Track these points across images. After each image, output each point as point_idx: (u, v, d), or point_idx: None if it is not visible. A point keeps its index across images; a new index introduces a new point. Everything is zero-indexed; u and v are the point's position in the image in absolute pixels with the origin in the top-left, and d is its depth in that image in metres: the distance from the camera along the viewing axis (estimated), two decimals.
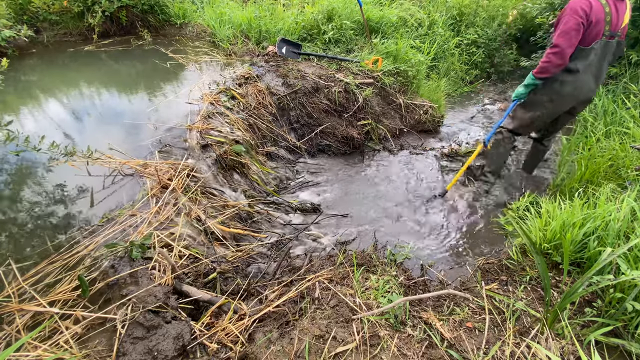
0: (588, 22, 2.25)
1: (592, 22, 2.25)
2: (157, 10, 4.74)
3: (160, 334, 1.45)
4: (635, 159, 2.59)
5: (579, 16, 2.22)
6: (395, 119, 3.99)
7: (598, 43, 2.32)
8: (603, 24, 2.27)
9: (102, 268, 1.67)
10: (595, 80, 2.49)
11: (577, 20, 2.23)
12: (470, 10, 5.59)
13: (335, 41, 4.33)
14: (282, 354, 1.46)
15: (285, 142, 3.49)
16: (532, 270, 1.95)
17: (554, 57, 2.33)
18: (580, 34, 2.27)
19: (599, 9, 2.25)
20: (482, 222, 2.79)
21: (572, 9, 2.24)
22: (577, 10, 2.22)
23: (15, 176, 2.29)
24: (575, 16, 2.22)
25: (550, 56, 2.35)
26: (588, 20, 2.24)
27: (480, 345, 1.51)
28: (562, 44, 2.28)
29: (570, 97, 2.52)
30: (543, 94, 2.57)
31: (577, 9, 2.23)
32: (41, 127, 2.73)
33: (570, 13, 2.24)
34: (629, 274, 1.52)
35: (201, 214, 2.25)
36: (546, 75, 2.43)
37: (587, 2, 2.23)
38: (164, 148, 2.59)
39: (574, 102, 2.55)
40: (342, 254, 2.12)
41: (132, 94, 3.33)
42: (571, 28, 2.24)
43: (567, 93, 2.50)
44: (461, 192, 3.12)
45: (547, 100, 2.57)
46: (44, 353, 1.36)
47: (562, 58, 2.33)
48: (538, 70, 2.45)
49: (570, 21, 2.24)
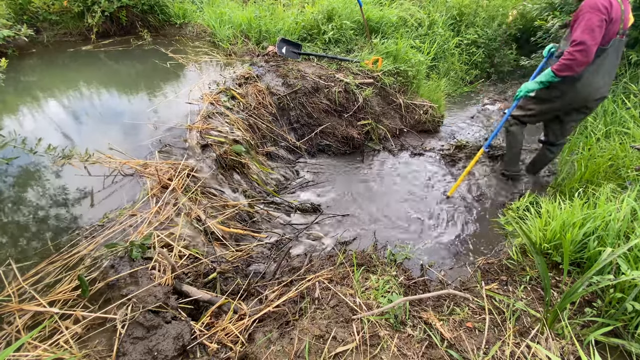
0: (609, 19, 2.20)
1: (613, 19, 2.21)
2: (157, 10, 4.74)
3: (160, 334, 1.45)
4: (635, 159, 2.59)
5: (601, 12, 2.17)
6: (395, 119, 3.99)
7: (614, 41, 2.30)
8: (619, 22, 2.25)
9: (102, 268, 1.67)
10: (607, 80, 2.47)
11: (600, 16, 2.17)
12: (470, 10, 5.59)
13: (335, 41, 4.33)
14: (282, 354, 1.46)
15: (285, 142, 3.49)
16: (532, 270, 1.95)
17: (579, 55, 2.24)
18: (603, 30, 2.21)
19: (617, 7, 2.22)
20: (482, 222, 2.79)
21: (591, 6, 2.18)
22: (599, 7, 2.17)
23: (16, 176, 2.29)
24: (598, 13, 2.17)
25: (575, 54, 2.24)
26: (609, 17, 2.20)
27: (480, 345, 1.51)
28: (587, 40, 2.20)
29: (583, 95, 2.50)
30: (554, 89, 2.55)
31: (598, 5, 2.17)
32: (41, 128, 2.73)
33: (591, 10, 2.18)
34: (629, 274, 1.52)
35: (201, 214, 2.25)
36: (568, 73, 2.35)
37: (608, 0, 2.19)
38: (164, 148, 2.59)
39: (585, 101, 2.53)
40: (342, 254, 2.12)
41: (132, 94, 3.33)
42: (595, 24, 2.18)
43: (580, 91, 2.47)
44: (461, 192, 3.12)
45: (558, 96, 2.56)
46: (43, 353, 1.36)
47: (587, 55, 2.23)
48: (560, 67, 2.35)
49: (594, 17, 2.17)
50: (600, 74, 2.42)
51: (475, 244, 2.57)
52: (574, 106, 2.60)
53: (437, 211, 2.92)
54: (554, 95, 2.58)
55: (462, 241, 2.61)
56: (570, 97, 2.53)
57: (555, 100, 2.59)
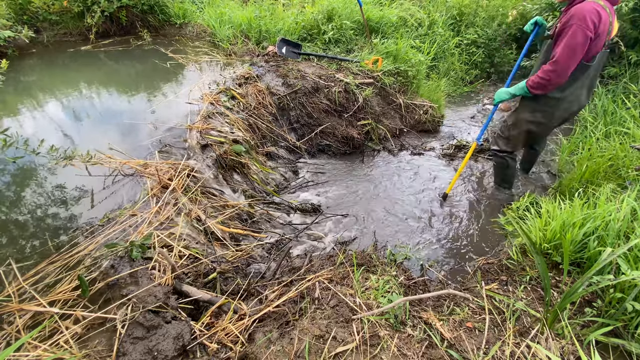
0: (595, 35, 2.06)
1: (599, 34, 2.07)
2: (157, 10, 4.74)
3: (160, 334, 1.45)
4: (635, 159, 2.59)
5: (588, 30, 2.01)
6: (395, 119, 3.99)
7: (598, 55, 2.19)
8: (606, 35, 2.11)
9: (102, 268, 1.67)
10: (589, 91, 2.40)
11: (586, 34, 2.02)
12: (470, 10, 5.59)
13: (335, 41, 4.33)
14: (282, 354, 1.46)
15: (285, 142, 3.49)
16: (532, 270, 1.95)
17: (554, 76, 2.17)
18: (586, 48, 2.08)
19: (606, 19, 2.06)
20: (482, 222, 2.79)
21: (580, 20, 2.01)
22: (587, 23, 2.00)
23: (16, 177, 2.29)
24: (586, 30, 2.01)
25: (550, 74, 2.17)
26: (596, 33, 2.05)
27: (480, 345, 1.51)
28: (565, 62, 2.10)
29: (565, 112, 2.44)
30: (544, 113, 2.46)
31: (587, 21, 2.00)
32: (41, 128, 2.73)
33: (579, 26, 2.01)
34: (629, 274, 1.52)
35: (201, 214, 2.25)
36: (541, 92, 2.31)
37: (597, 13, 2.01)
38: (164, 148, 2.59)
39: (567, 115, 2.48)
40: (342, 254, 2.12)
41: (132, 94, 3.33)
42: (578, 43, 2.04)
43: (568, 108, 2.41)
44: (461, 192, 3.12)
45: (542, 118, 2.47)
46: (44, 353, 1.36)
47: (562, 77, 2.17)
48: (533, 85, 2.29)
49: (579, 35, 2.02)
50: (585, 88, 2.37)
51: (475, 244, 2.57)
52: (557, 123, 2.56)
53: (437, 211, 2.92)
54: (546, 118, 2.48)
55: (462, 241, 2.61)
56: (559, 115, 2.46)
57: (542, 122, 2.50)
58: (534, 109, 2.49)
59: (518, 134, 2.63)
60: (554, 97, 2.37)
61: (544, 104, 2.43)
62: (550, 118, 2.46)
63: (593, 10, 2.02)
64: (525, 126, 2.56)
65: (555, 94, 2.36)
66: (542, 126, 2.53)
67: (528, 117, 2.52)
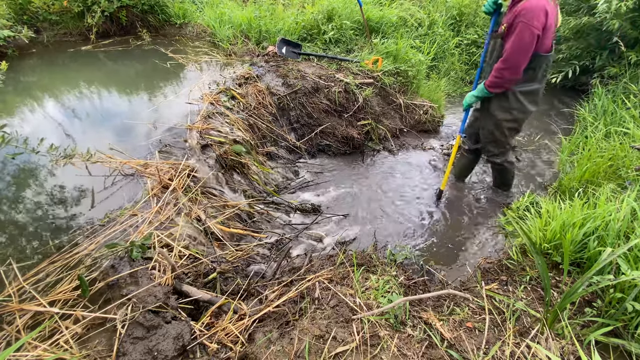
0: (545, 29, 2.09)
1: (548, 27, 2.10)
2: (157, 10, 4.74)
3: (160, 334, 1.45)
4: (635, 159, 2.60)
5: (535, 28, 2.04)
6: (395, 119, 3.99)
7: (552, 50, 2.24)
8: (554, 29, 2.15)
9: (103, 268, 1.67)
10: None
11: (533, 32, 2.05)
12: (470, 10, 5.59)
13: (335, 41, 4.33)
14: (282, 354, 1.46)
15: (285, 142, 3.49)
16: (532, 270, 1.95)
17: (507, 73, 2.23)
18: (534, 44, 2.12)
19: (552, 12, 2.08)
20: (482, 222, 2.79)
21: (527, 18, 2.03)
22: (533, 22, 2.03)
23: (17, 176, 2.29)
24: (532, 28, 2.04)
25: (503, 72, 2.23)
26: (545, 28, 2.08)
27: (480, 345, 1.51)
28: (515, 59, 2.16)
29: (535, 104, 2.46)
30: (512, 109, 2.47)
31: (533, 19, 2.02)
32: (41, 128, 2.73)
33: (525, 23, 2.04)
34: (629, 274, 1.53)
35: (201, 214, 2.25)
36: (500, 90, 2.36)
37: (543, 9, 2.03)
38: (164, 148, 2.59)
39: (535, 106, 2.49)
40: (342, 254, 2.12)
41: (132, 94, 3.33)
42: (526, 42, 2.09)
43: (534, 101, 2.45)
44: (461, 192, 3.12)
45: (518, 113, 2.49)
46: (44, 353, 1.36)
47: (515, 73, 2.23)
48: (490, 84, 2.35)
49: (526, 34, 2.06)
50: (544, 81, 2.39)
51: (475, 244, 2.57)
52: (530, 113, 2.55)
53: (437, 211, 2.92)
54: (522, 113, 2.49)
55: (462, 241, 2.61)
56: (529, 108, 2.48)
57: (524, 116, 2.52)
58: (507, 109, 2.50)
59: (501, 134, 2.63)
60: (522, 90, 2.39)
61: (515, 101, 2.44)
62: (524, 110, 2.48)
63: (539, 7, 2.04)
64: (507, 125, 2.57)
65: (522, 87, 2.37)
66: (520, 120, 2.55)
67: (506, 117, 2.53)
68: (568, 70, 4.13)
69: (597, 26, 3.85)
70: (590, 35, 4.09)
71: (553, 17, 2.11)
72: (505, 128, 2.59)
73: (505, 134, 2.62)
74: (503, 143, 2.70)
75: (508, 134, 2.63)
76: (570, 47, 4.27)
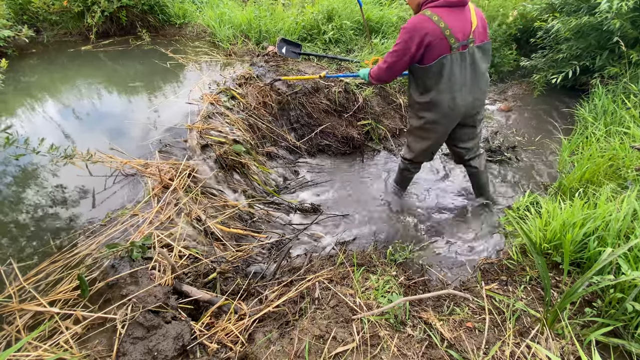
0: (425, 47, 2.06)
1: (430, 45, 2.06)
2: (157, 10, 4.74)
3: (160, 334, 1.45)
4: (635, 159, 2.59)
5: (407, 47, 2.07)
6: (395, 119, 3.98)
7: (447, 57, 2.10)
8: (444, 40, 2.05)
9: (103, 268, 1.67)
10: (470, 91, 2.27)
11: (405, 51, 2.08)
12: None
13: (335, 41, 4.33)
14: (282, 354, 1.46)
15: (285, 142, 3.49)
16: (532, 270, 1.95)
17: (383, 74, 2.27)
18: (406, 60, 2.13)
19: (434, 30, 2.02)
20: (482, 222, 2.79)
21: (404, 36, 2.05)
22: (407, 42, 2.05)
23: (17, 177, 2.29)
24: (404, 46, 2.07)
25: (382, 69, 2.25)
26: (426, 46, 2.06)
27: (480, 345, 1.51)
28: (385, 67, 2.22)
29: (452, 114, 2.31)
30: (427, 121, 2.37)
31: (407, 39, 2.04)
32: (41, 128, 2.74)
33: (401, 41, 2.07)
34: (629, 274, 1.53)
35: (201, 214, 2.25)
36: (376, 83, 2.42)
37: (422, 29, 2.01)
38: (164, 148, 2.59)
39: (458, 117, 2.35)
40: (342, 254, 2.12)
41: (132, 94, 3.33)
42: (398, 57, 2.13)
43: (446, 112, 2.30)
44: (461, 192, 3.12)
45: (433, 123, 2.38)
46: (44, 353, 1.36)
47: (381, 79, 2.32)
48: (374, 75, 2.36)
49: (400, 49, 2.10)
50: (453, 90, 2.22)
51: (475, 244, 2.57)
52: (451, 126, 2.42)
53: (437, 211, 2.92)
54: (431, 126, 2.40)
55: (462, 241, 2.61)
56: (443, 119, 2.35)
57: (436, 128, 2.41)
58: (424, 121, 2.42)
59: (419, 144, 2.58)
60: (431, 102, 2.29)
61: (428, 111, 2.36)
62: (438, 123, 2.39)
63: (419, 27, 2.02)
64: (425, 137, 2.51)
65: (431, 98, 2.27)
66: (439, 129, 2.44)
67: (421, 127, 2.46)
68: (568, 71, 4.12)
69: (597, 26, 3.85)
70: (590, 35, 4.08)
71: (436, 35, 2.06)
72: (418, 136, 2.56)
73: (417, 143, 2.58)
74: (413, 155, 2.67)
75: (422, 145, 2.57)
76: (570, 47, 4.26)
